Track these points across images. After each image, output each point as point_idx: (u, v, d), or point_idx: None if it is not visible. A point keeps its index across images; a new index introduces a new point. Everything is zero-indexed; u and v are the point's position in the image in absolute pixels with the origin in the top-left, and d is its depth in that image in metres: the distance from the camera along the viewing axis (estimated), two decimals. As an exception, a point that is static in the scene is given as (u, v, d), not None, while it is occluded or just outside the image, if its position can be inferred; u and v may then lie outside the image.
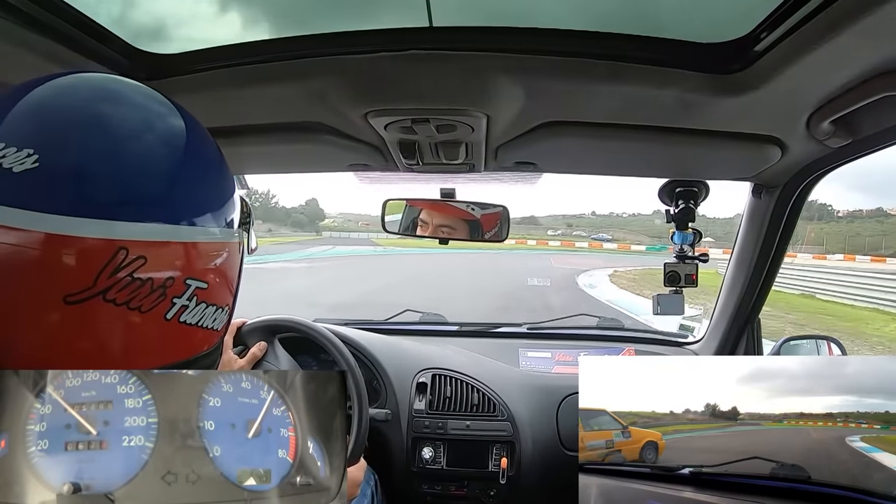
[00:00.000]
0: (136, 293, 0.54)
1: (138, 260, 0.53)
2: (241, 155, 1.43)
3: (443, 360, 1.93)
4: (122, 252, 0.52)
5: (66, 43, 0.90)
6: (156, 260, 0.55)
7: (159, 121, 0.61)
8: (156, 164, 0.57)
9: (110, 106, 0.57)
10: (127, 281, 0.53)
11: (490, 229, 1.76)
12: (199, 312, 0.61)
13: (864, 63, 0.85)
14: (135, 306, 0.54)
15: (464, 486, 1.75)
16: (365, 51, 0.97)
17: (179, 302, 0.58)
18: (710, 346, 2.00)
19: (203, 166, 0.63)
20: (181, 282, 0.57)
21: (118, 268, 0.52)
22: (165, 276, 0.56)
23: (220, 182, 0.65)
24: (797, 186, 1.48)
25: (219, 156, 0.67)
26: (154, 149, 0.57)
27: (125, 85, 0.62)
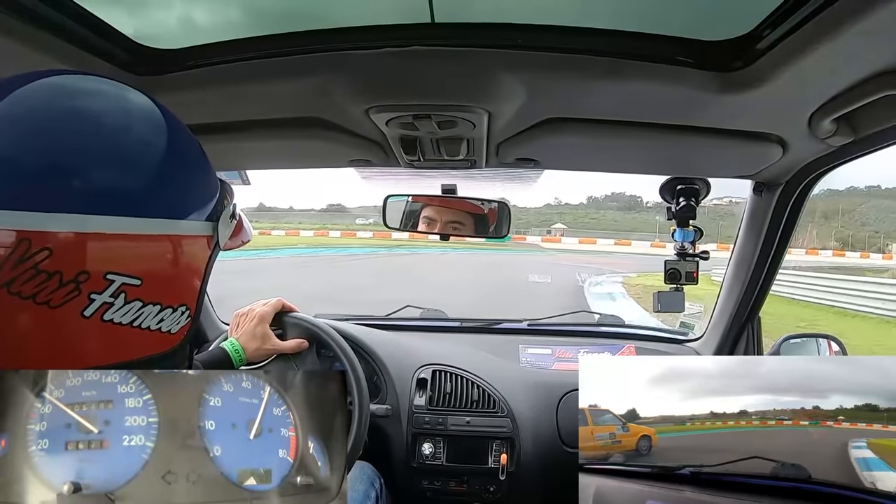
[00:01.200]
0: (43, 286, 0.51)
1: (42, 252, 0.50)
2: (243, 150, 1.43)
3: (443, 356, 1.93)
4: (24, 243, 0.50)
5: (68, 38, 0.90)
6: (63, 252, 0.52)
7: (69, 101, 0.57)
8: (68, 150, 0.53)
9: (21, 94, 0.55)
10: (31, 273, 0.50)
11: (493, 224, 1.75)
12: (133, 312, 0.57)
13: (866, 62, 0.85)
14: (42, 300, 0.51)
15: (464, 482, 1.76)
16: (366, 47, 0.96)
17: (100, 298, 0.54)
18: (710, 344, 2.00)
19: (132, 149, 0.58)
20: (99, 276, 0.54)
21: (21, 259, 0.50)
22: (77, 269, 0.52)
23: (163, 167, 0.59)
24: (798, 185, 1.47)
25: (163, 137, 0.61)
26: (63, 133, 0.54)
27: (54, 78, 0.59)
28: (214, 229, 0.66)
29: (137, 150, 0.58)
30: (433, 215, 1.78)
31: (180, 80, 1.06)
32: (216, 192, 0.67)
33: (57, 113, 0.55)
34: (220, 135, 1.27)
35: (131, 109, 0.60)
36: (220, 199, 0.68)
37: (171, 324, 0.61)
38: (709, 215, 24.30)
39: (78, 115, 0.56)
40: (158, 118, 0.62)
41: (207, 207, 0.65)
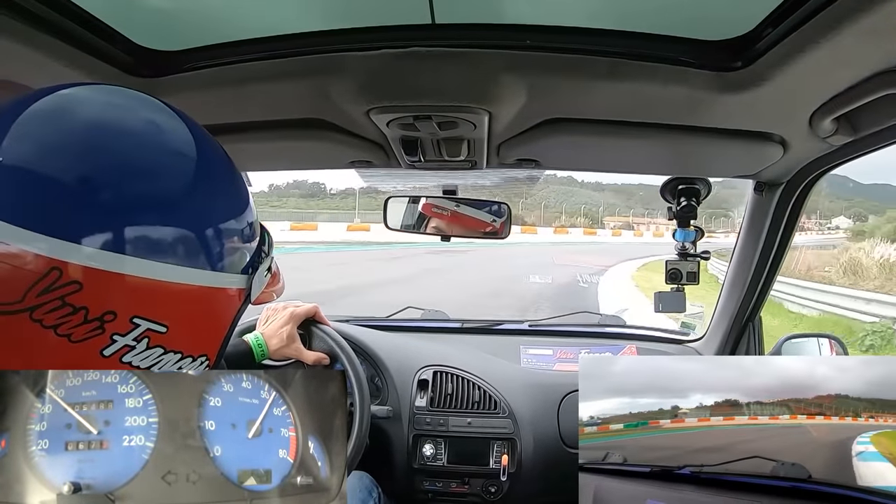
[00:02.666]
0: (66, 319, 0.49)
1: (72, 284, 0.49)
2: (243, 152, 1.43)
3: (444, 357, 1.92)
4: (54, 272, 0.48)
5: (71, 41, 0.90)
6: (93, 289, 0.50)
7: (127, 128, 0.56)
8: (114, 186, 0.52)
9: (74, 120, 0.54)
10: (56, 304, 0.49)
11: (490, 227, 1.76)
12: (153, 358, 0.55)
13: (867, 61, 0.85)
14: (63, 333, 0.50)
15: (465, 483, 1.76)
16: (367, 48, 0.96)
17: (122, 340, 0.52)
18: (711, 344, 2.00)
19: (181, 195, 0.56)
20: (125, 318, 0.52)
21: (48, 288, 0.48)
22: (104, 308, 0.51)
23: (208, 216, 0.58)
24: (799, 184, 1.47)
25: (212, 173, 0.60)
26: (110, 169, 0.52)
27: (96, 95, 0.59)
28: (249, 283, 0.64)
29: (186, 197, 0.56)
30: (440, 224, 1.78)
31: (181, 82, 1.06)
32: (256, 243, 0.66)
33: (104, 143, 0.53)
34: (220, 136, 1.26)
35: (181, 147, 0.58)
36: (258, 250, 0.66)
37: (188, 371, 0.60)
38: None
39: (126, 151, 0.54)
40: (217, 159, 0.62)
41: (245, 259, 0.63)
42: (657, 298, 1.76)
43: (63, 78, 0.93)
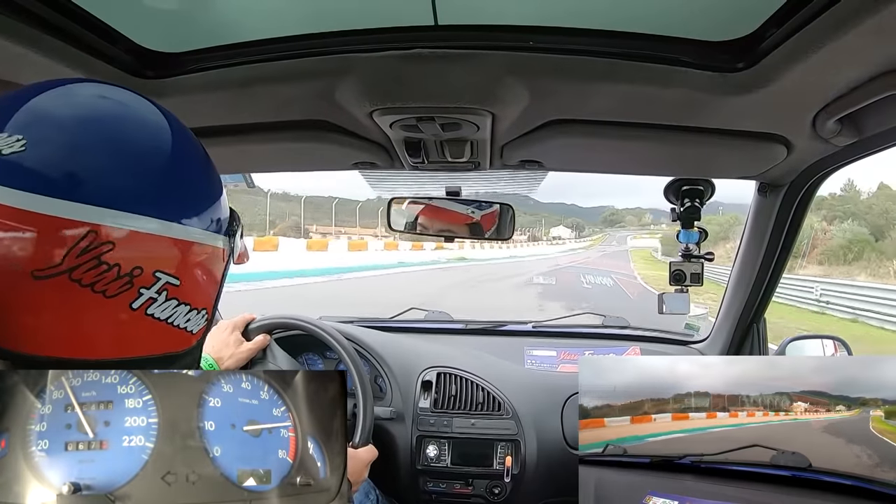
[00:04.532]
0: (102, 277, 0.55)
1: (106, 244, 0.55)
2: (247, 153, 1.43)
3: (448, 358, 1.93)
4: (91, 234, 0.54)
5: (74, 42, 0.90)
6: (123, 247, 0.56)
7: (142, 117, 0.63)
8: (132, 156, 0.59)
9: (92, 100, 0.61)
10: (93, 263, 0.55)
11: (491, 228, 1.75)
12: (170, 309, 0.62)
13: (870, 61, 0.84)
14: (99, 290, 0.55)
15: (468, 485, 1.76)
16: (370, 49, 0.96)
17: (147, 293, 0.59)
18: (715, 346, 2.00)
19: (182, 164, 0.65)
20: (150, 273, 0.59)
21: (85, 249, 0.54)
22: (133, 264, 0.57)
23: (202, 183, 0.67)
24: (803, 185, 1.47)
25: (203, 158, 0.69)
26: (133, 142, 0.60)
27: (115, 89, 0.65)
28: (229, 245, 0.72)
29: (183, 172, 0.64)
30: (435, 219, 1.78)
31: (184, 83, 1.06)
32: (228, 213, 0.74)
33: (127, 122, 0.61)
34: (224, 138, 1.27)
35: (181, 128, 0.67)
36: (231, 220, 0.74)
37: (194, 325, 0.67)
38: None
39: (144, 126, 0.63)
40: (196, 145, 0.69)
41: (225, 224, 0.71)
42: (661, 300, 1.75)
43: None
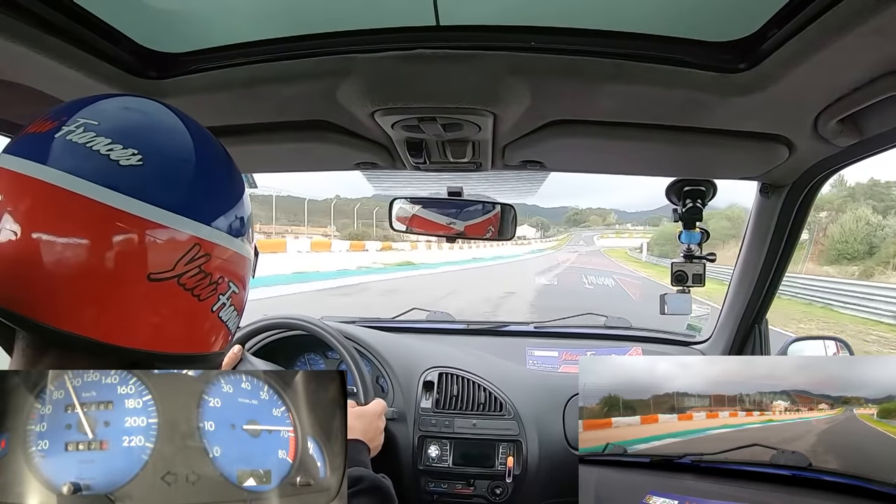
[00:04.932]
0: (200, 283, 0.63)
1: (205, 256, 0.63)
2: (249, 154, 1.43)
3: (449, 358, 1.93)
4: (196, 247, 0.62)
5: (77, 43, 0.90)
6: (216, 259, 0.65)
7: (205, 136, 0.70)
8: (211, 177, 0.67)
9: (186, 126, 0.68)
10: (195, 271, 0.63)
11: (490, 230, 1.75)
12: (230, 313, 0.70)
13: (872, 62, 0.84)
14: (196, 293, 0.63)
15: (470, 485, 1.75)
16: (372, 49, 0.96)
17: (222, 299, 0.67)
18: (717, 346, 1.99)
19: (239, 187, 0.72)
20: (226, 282, 0.67)
21: (192, 259, 0.62)
22: (219, 274, 0.66)
23: (245, 201, 0.73)
24: (805, 186, 1.46)
25: (236, 171, 0.74)
26: (218, 167, 0.69)
27: (167, 110, 0.70)
28: (254, 255, 0.79)
29: (233, 187, 0.71)
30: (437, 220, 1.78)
31: (186, 83, 1.06)
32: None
33: (202, 141, 0.68)
34: (226, 138, 1.26)
35: (221, 151, 0.73)
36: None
37: (234, 326, 0.74)
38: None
39: (213, 152, 0.70)
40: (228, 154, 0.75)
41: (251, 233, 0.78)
42: (663, 300, 1.74)
43: (69, 80, 0.94)
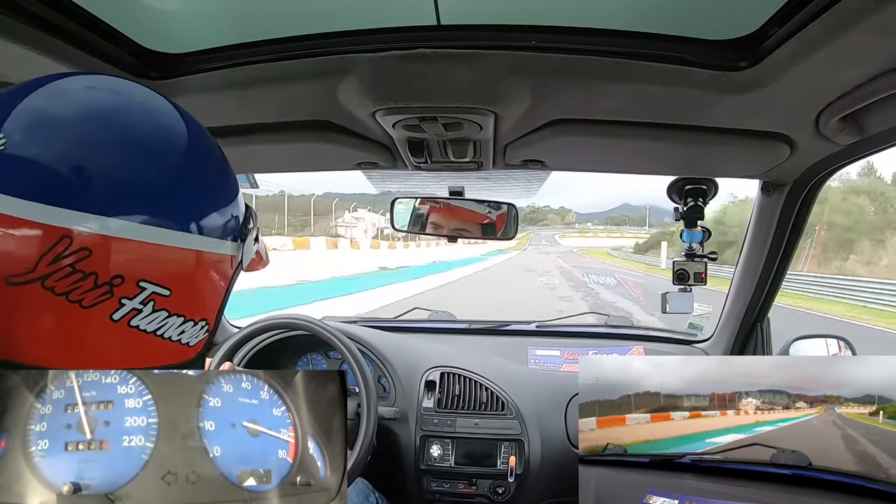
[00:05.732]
0: (77, 286, 0.52)
1: (82, 251, 0.52)
2: (250, 153, 1.44)
3: (451, 358, 1.93)
4: (64, 240, 0.51)
5: (77, 44, 0.90)
6: (102, 254, 0.53)
7: (130, 114, 0.59)
8: (115, 158, 0.54)
9: (74, 103, 0.56)
10: (68, 271, 0.51)
11: (500, 228, 1.75)
12: (158, 321, 0.58)
13: (874, 60, 0.84)
14: (75, 299, 0.53)
15: (472, 484, 1.76)
16: (373, 49, 0.96)
17: (130, 304, 0.55)
18: (719, 345, 1.99)
19: (179, 165, 0.59)
20: (132, 282, 0.55)
21: (59, 256, 0.51)
22: (112, 273, 0.53)
23: (205, 186, 0.62)
24: (807, 184, 1.46)
25: (210, 159, 0.65)
26: (116, 143, 0.55)
27: (99, 80, 0.63)
28: (240, 250, 0.68)
29: (182, 171, 0.59)
30: (439, 219, 1.78)
31: (188, 83, 1.07)
32: (242, 215, 0.69)
33: (104, 120, 0.56)
34: (227, 138, 1.28)
35: (177, 131, 0.61)
36: (245, 223, 0.70)
37: (190, 337, 0.63)
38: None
39: (124, 128, 0.57)
40: (205, 141, 0.65)
41: (235, 229, 0.67)
42: (664, 299, 1.74)
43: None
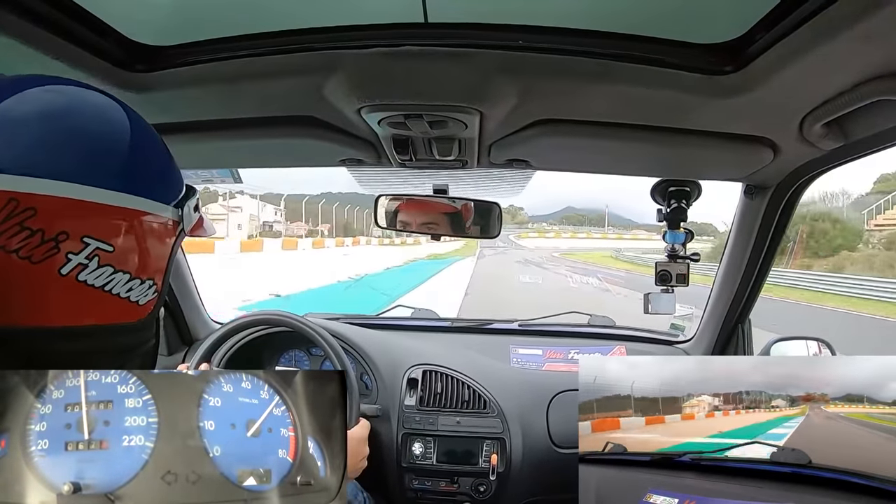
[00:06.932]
0: (26, 242, 0.56)
1: (28, 211, 0.55)
2: (235, 148, 1.42)
3: (434, 356, 1.93)
4: (12, 202, 0.55)
5: (62, 35, 0.89)
6: (46, 212, 0.56)
7: (61, 88, 0.64)
8: (55, 123, 0.59)
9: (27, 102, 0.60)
10: (16, 229, 0.55)
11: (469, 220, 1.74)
12: (105, 276, 0.62)
13: (858, 67, 0.86)
14: (24, 255, 0.56)
15: (454, 482, 1.76)
16: (359, 46, 0.96)
17: (76, 259, 0.59)
18: (700, 346, 2.02)
19: (110, 130, 0.64)
20: (77, 238, 0.59)
21: (8, 216, 0.55)
22: (58, 229, 0.57)
23: (140, 152, 0.66)
24: (789, 188, 1.48)
25: (141, 129, 0.68)
26: (58, 112, 0.60)
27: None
28: (179, 215, 0.72)
29: (117, 138, 0.64)
30: (422, 216, 1.78)
31: (173, 77, 1.05)
32: (182, 186, 0.75)
33: (48, 103, 0.61)
34: (211, 132, 1.26)
35: (107, 111, 0.66)
36: (187, 194, 0.75)
37: (139, 295, 0.67)
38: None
39: (64, 108, 0.62)
40: (140, 121, 0.69)
41: (175, 196, 0.72)
42: (647, 300, 1.76)
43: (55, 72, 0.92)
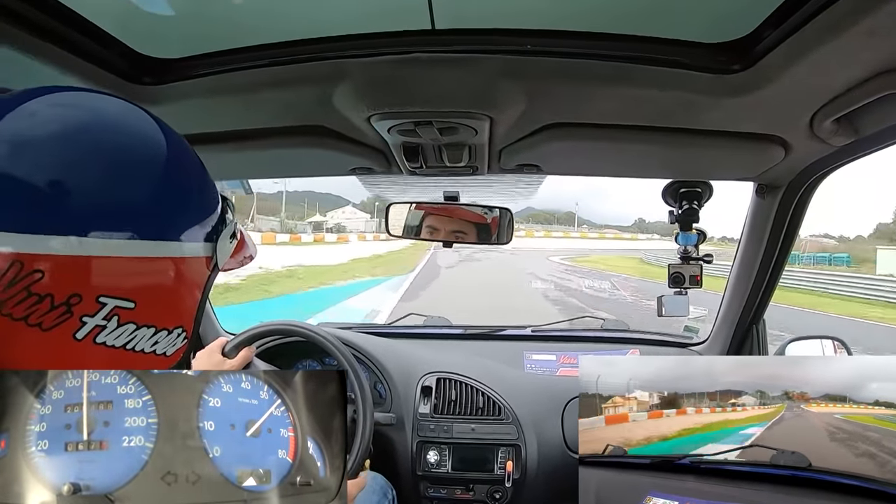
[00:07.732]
0: (34, 309, 0.50)
1: (35, 274, 0.49)
2: (244, 159, 1.43)
3: (447, 363, 1.93)
4: (16, 265, 0.49)
5: (70, 48, 0.90)
6: (54, 275, 0.50)
7: (65, 120, 0.55)
8: (61, 170, 0.51)
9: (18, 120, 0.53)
10: (23, 295, 0.49)
11: (487, 234, 1.75)
12: (127, 335, 0.55)
13: (867, 62, 0.85)
14: (34, 323, 0.50)
15: (469, 490, 1.75)
16: (368, 54, 0.96)
17: (92, 321, 0.53)
18: (714, 348, 1.99)
19: (129, 170, 0.55)
20: (91, 299, 0.52)
21: (12, 282, 0.49)
22: (68, 292, 0.51)
23: (161, 187, 0.57)
24: (801, 186, 1.47)
25: (162, 156, 0.59)
26: (57, 153, 0.52)
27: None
28: (213, 250, 0.64)
29: (135, 171, 0.56)
30: (435, 224, 1.78)
31: (182, 89, 1.06)
32: (216, 211, 0.65)
33: (51, 133, 0.52)
34: (221, 144, 1.27)
35: (130, 127, 0.58)
36: (221, 218, 0.66)
37: (166, 346, 0.60)
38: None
39: (73, 136, 0.53)
40: (158, 137, 0.59)
41: (207, 227, 0.63)
42: (660, 302, 1.75)
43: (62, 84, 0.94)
